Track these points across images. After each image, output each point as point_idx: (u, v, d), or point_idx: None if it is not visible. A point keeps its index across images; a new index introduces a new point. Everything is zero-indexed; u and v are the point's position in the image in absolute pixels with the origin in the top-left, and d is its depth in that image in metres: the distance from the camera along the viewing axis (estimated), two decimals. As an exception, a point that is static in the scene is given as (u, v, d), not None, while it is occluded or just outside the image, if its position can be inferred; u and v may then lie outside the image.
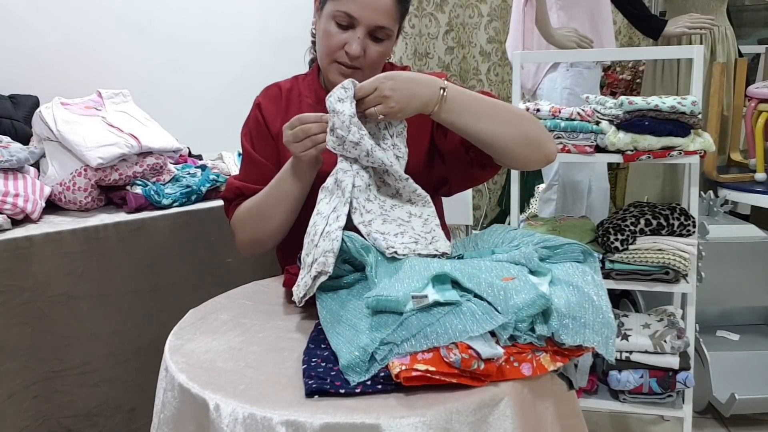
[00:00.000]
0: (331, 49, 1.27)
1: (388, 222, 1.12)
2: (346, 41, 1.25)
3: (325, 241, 1.03)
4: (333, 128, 1.11)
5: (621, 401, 1.84)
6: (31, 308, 1.44)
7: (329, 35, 1.27)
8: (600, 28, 2.48)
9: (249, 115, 1.43)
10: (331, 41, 1.27)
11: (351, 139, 1.09)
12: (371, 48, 1.27)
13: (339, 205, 1.09)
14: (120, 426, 1.60)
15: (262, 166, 1.36)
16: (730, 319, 2.27)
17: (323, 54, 1.30)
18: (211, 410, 0.83)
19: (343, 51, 1.26)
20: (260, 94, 1.44)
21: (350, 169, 1.12)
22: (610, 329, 0.90)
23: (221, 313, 1.15)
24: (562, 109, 1.81)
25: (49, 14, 2.06)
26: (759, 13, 3.99)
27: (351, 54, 1.25)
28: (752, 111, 2.29)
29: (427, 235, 1.13)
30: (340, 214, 1.07)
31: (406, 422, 0.77)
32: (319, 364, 0.89)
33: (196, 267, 1.72)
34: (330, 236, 1.03)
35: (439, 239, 1.13)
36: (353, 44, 1.24)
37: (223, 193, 1.40)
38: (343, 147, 1.11)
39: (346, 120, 1.09)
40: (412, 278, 0.93)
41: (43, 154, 1.71)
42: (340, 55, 1.27)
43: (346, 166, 1.12)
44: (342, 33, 1.26)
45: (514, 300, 0.88)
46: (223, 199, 1.40)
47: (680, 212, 1.77)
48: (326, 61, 1.30)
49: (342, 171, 1.12)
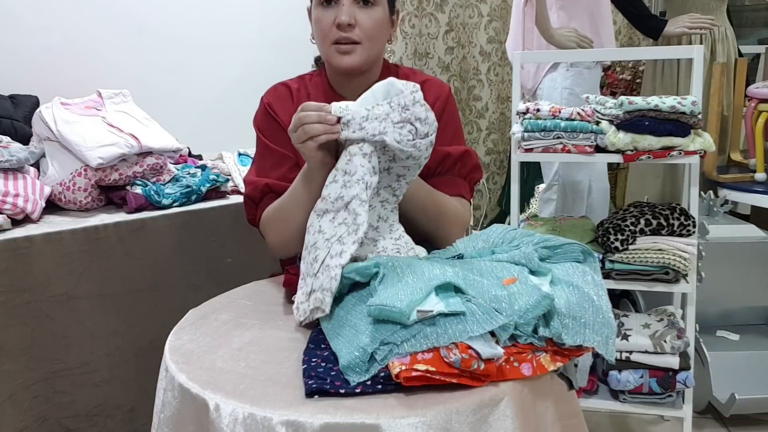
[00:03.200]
0: (324, 31, 1.27)
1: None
2: (335, 16, 1.25)
3: (323, 276, 1.00)
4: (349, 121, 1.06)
5: (621, 401, 1.84)
6: (31, 308, 1.44)
7: (320, 19, 1.27)
8: (600, 28, 2.48)
9: (258, 112, 1.40)
10: (323, 23, 1.26)
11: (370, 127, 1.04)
12: (361, 15, 1.26)
13: (346, 236, 1.02)
14: (120, 426, 1.60)
15: (279, 154, 1.32)
16: (730, 319, 2.27)
17: (320, 40, 1.30)
18: (211, 410, 0.83)
19: (335, 27, 1.25)
20: (267, 95, 1.40)
21: (365, 165, 1.04)
22: (610, 329, 0.90)
23: (221, 313, 1.15)
24: (562, 109, 1.81)
25: (49, 14, 2.06)
26: (759, 13, 4.00)
27: (340, 23, 1.24)
28: (752, 111, 2.29)
29: (406, 244, 1.14)
30: (345, 251, 1.01)
31: (406, 422, 0.77)
32: (319, 364, 0.89)
33: (196, 267, 1.72)
34: (329, 272, 0.99)
35: (414, 247, 1.15)
36: (341, 14, 1.24)
37: (248, 192, 1.33)
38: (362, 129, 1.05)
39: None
40: (415, 286, 0.92)
41: (43, 154, 1.71)
42: (333, 34, 1.26)
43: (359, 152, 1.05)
44: (330, 10, 1.26)
45: (519, 304, 0.88)
46: (248, 199, 1.33)
47: (680, 212, 1.77)
48: (325, 47, 1.29)
49: (356, 159, 1.05)
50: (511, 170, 1.96)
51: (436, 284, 0.91)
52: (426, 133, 1.06)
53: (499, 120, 3.70)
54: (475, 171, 1.37)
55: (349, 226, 1.04)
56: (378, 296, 0.92)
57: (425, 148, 1.07)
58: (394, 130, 1.04)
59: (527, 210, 2.88)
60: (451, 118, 1.37)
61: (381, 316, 0.88)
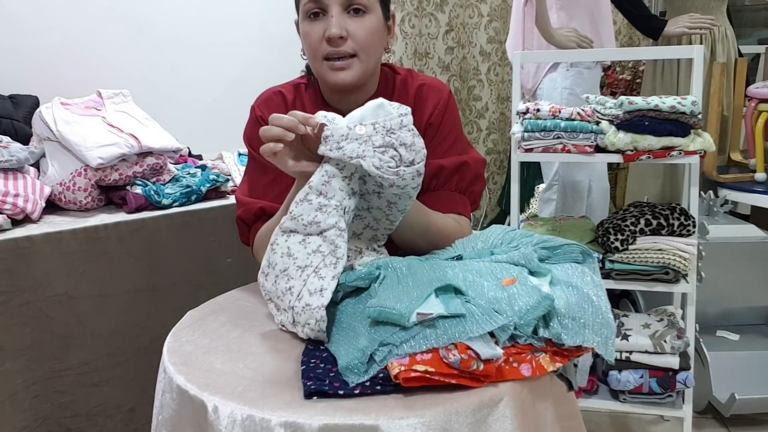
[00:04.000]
0: (314, 46, 1.16)
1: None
2: (325, 29, 1.14)
3: (307, 315, 0.95)
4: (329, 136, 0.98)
5: (621, 401, 1.84)
6: (31, 308, 1.44)
7: (308, 33, 1.17)
8: (600, 28, 2.48)
9: (248, 125, 1.30)
10: (312, 37, 1.16)
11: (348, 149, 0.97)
12: (353, 25, 1.15)
13: (323, 269, 0.97)
14: (120, 426, 1.60)
15: (274, 172, 1.16)
16: (730, 319, 2.27)
17: (311, 56, 1.19)
18: (210, 412, 0.83)
19: (325, 41, 1.14)
20: (259, 106, 1.28)
21: (342, 189, 0.98)
22: (610, 329, 0.90)
23: (220, 314, 1.15)
24: (562, 109, 1.81)
25: (49, 14, 2.06)
26: (759, 13, 3.99)
27: (331, 36, 1.13)
28: (752, 111, 2.29)
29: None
30: (325, 288, 0.95)
31: (405, 423, 0.77)
32: (317, 365, 0.89)
33: (196, 267, 1.72)
34: (312, 314, 0.94)
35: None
36: (331, 26, 1.13)
37: (240, 214, 1.25)
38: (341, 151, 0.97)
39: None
40: (415, 288, 0.92)
41: (43, 154, 1.71)
42: (324, 49, 1.15)
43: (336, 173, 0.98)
44: (319, 23, 1.15)
45: (519, 305, 0.88)
46: (241, 221, 1.26)
47: (680, 212, 1.77)
48: (317, 64, 1.19)
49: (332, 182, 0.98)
50: (511, 170, 1.96)
51: (436, 286, 0.91)
52: (411, 160, 0.98)
53: (499, 120, 3.70)
54: (475, 182, 1.27)
55: (325, 256, 0.98)
56: (377, 298, 0.92)
57: (410, 177, 0.98)
58: (374, 154, 0.96)
59: (527, 210, 2.88)
60: (451, 124, 1.27)
61: (380, 318, 0.88)
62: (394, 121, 0.98)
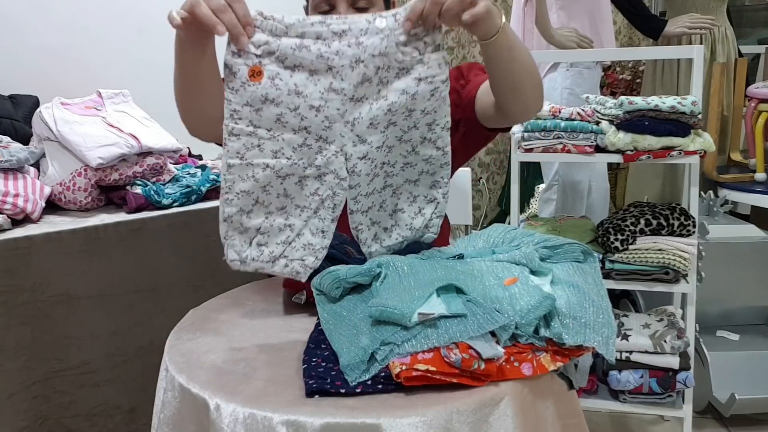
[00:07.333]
0: None
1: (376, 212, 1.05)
2: None
3: (305, 252, 0.98)
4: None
5: (621, 401, 1.84)
6: (31, 308, 1.44)
7: None
8: (600, 28, 2.48)
9: None
10: None
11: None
12: None
13: (323, 211, 1.00)
14: (120, 426, 1.60)
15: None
16: (730, 319, 2.27)
17: None
18: (212, 410, 0.83)
19: None
20: None
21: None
22: (611, 329, 0.90)
23: (221, 313, 1.15)
24: (562, 109, 1.81)
25: (49, 14, 2.06)
26: (759, 13, 4.00)
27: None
28: (752, 111, 2.29)
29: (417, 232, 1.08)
30: (326, 230, 0.99)
31: (407, 422, 0.77)
32: (319, 363, 0.89)
33: (196, 267, 1.72)
34: (313, 253, 0.98)
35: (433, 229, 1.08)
36: None
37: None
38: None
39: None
40: (417, 288, 0.92)
41: (43, 154, 1.71)
42: None
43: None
44: None
45: (521, 305, 0.88)
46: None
47: (680, 212, 1.77)
48: None
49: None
50: (511, 170, 1.96)
51: (437, 286, 0.91)
52: (437, 45, 0.93)
53: (499, 120, 3.69)
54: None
55: (324, 200, 1.00)
56: (379, 297, 0.92)
57: (437, 64, 0.93)
58: (397, 50, 0.93)
59: (527, 210, 2.88)
60: (465, 70, 1.37)
61: (382, 317, 0.88)
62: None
